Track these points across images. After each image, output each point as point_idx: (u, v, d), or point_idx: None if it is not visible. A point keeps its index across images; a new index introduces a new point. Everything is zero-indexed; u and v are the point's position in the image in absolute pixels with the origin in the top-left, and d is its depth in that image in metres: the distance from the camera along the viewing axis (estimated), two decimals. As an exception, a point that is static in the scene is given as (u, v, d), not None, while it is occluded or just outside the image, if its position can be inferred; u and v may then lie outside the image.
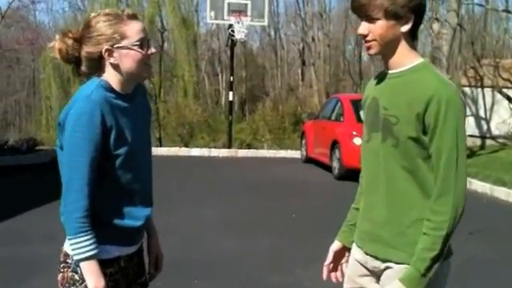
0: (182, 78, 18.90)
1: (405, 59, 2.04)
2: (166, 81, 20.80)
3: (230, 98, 16.21)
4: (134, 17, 2.15)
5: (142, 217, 2.23)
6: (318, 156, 13.01)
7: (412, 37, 2.05)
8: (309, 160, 13.70)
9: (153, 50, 2.17)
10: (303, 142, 14.33)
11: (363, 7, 2.01)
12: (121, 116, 2.10)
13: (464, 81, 19.50)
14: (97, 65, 2.13)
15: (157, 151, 15.03)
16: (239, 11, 15.27)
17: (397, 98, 2.02)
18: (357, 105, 12.29)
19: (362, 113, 2.32)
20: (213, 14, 15.71)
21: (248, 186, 10.36)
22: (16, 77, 32.64)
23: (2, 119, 30.88)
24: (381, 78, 2.15)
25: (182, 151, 15.38)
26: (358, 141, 11.11)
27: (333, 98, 14.39)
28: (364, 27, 2.04)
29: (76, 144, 2.00)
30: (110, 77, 2.12)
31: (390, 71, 2.09)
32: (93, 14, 2.17)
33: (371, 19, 2.01)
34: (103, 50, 2.09)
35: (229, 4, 15.45)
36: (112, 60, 2.11)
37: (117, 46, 2.09)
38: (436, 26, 14.91)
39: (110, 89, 2.11)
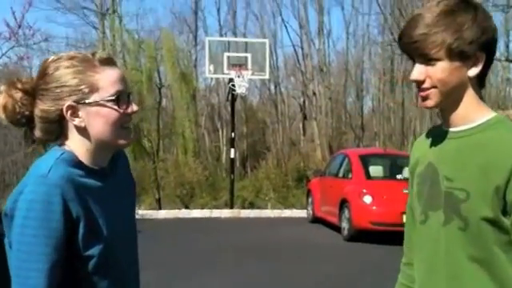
0: (182, 135, 18.51)
1: (473, 113, 1.60)
2: (165, 138, 20.37)
3: (232, 156, 15.77)
4: (109, 62, 1.60)
5: None
6: (326, 215, 12.48)
7: (480, 83, 1.63)
8: (316, 220, 13.15)
9: (134, 107, 1.61)
10: (309, 200, 13.78)
11: (417, 44, 1.57)
12: (92, 201, 1.56)
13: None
14: (56, 128, 1.59)
15: (156, 214, 14.70)
16: (239, 65, 15.04)
17: (465, 166, 1.57)
18: (365, 160, 11.95)
19: (414, 183, 1.78)
20: (212, 68, 15.50)
21: (254, 251, 9.81)
22: (12, 137, 32.25)
23: (0, 180, 30.38)
24: (437, 136, 1.69)
25: (183, 213, 14.92)
26: (368, 199, 10.73)
27: (339, 153, 14.00)
28: (419, 71, 1.59)
29: (27, 245, 1.46)
30: (76, 145, 1.59)
31: (451, 129, 1.64)
32: (52, 58, 1.61)
33: (429, 60, 1.56)
34: (64, 108, 1.55)
35: (228, 58, 15.25)
36: (77, 122, 1.57)
37: (84, 101, 1.55)
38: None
39: (76, 163, 1.56)
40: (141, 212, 14.28)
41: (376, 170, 11.87)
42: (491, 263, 1.54)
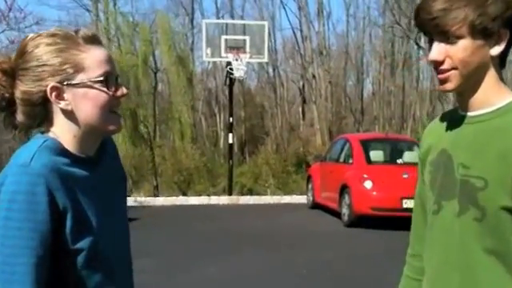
0: (179, 120, 18.23)
1: (493, 95, 1.50)
2: (161, 124, 20.10)
3: (230, 141, 15.51)
4: (94, 40, 1.49)
5: None
6: (326, 201, 12.37)
7: (501, 63, 1.52)
8: (315, 205, 13.04)
9: (124, 90, 1.50)
10: (309, 186, 13.63)
11: (437, 21, 1.45)
12: (80, 191, 1.46)
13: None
14: (40, 112, 1.48)
15: (154, 201, 14.60)
16: (237, 48, 14.76)
17: (483, 152, 1.48)
18: (366, 145, 11.87)
19: (425, 171, 1.67)
20: (209, 51, 15.24)
21: (253, 238, 9.73)
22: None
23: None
24: (452, 121, 1.59)
25: (180, 200, 14.74)
26: (368, 184, 10.66)
27: (340, 138, 13.81)
28: (439, 50, 1.47)
29: (11, 239, 1.36)
30: (62, 131, 1.48)
31: (469, 113, 1.53)
32: (31, 35, 1.49)
33: (450, 38, 1.45)
34: (48, 89, 1.44)
35: (226, 41, 14.97)
36: (63, 104, 1.46)
37: (69, 82, 1.44)
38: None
39: (62, 151, 1.46)
40: (139, 199, 14.30)
41: (377, 155, 11.75)
42: (508, 255, 1.47)
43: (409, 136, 18.32)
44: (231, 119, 15.79)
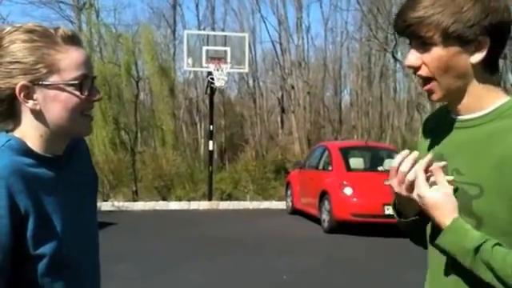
0: (160, 128, 18.38)
1: (482, 100, 1.44)
2: (143, 131, 20.24)
3: (210, 148, 15.67)
4: (73, 40, 1.42)
5: None
6: (306, 207, 12.45)
7: (490, 69, 1.44)
8: (295, 211, 13.11)
9: (98, 94, 1.45)
10: (288, 192, 13.74)
11: (412, 28, 1.41)
12: (44, 193, 1.38)
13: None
14: (7, 109, 1.40)
15: (132, 206, 14.45)
16: (218, 58, 14.94)
17: (478, 159, 1.41)
18: (345, 152, 11.99)
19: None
20: (190, 61, 15.43)
21: (232, 243, 9.67)
22: None
23: None
24: (445, 123, 1.52)
25: (160, 205, 14.70)
26: (348, 191, 10.70)
27: (319, 145, 13.98)
28: (415, 57, 1.44)
29: None
30: (28, 130, 1.41)
31: (459, 117, 1.48)
32: (8, 28, 1.40)
33: (424, 44, 1.42)
34: (17, 88, 1.36)
35: (207, 51, 15.19)
36: (30, 104, 1.38)
37: (40, 82, 1.37)
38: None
39: (26, 151, 1.39)
40: (116, 204, 14.08)
41: (356, 162, 11.87)
42: None
43: (387, 145, 18.57)
44: (211, 127, 15.90)
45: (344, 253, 9.04)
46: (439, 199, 1.39)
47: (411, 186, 1.44)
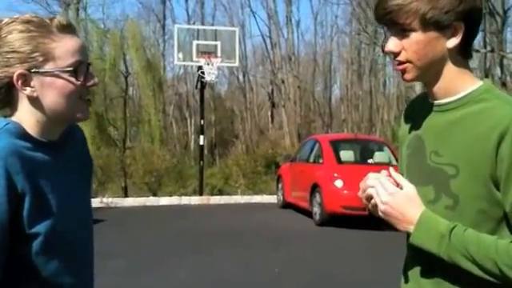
0: (149, 123, 18.27)
1: (456, 85, 1.54)
2: (132, 126, 20.11)
3: (201, 143, 15.60)
4: (68, 29, 1.48)
5: None
6: (297, 200, 12.43)
7: (464, 54, 1.54)
8: (286, 205, 13.08)
9: (94, 80, 1.51)
10: (279, 186, 13.70)
11: (391, 15, 1.49)
12: (40, 175, 1.44)
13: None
14: (5, 97, 1.47)
15: (122, 202, 14.31)
16: (208, 52, 14.84)
17: (452, 140, 1.52)
18: (336, 145, 11.94)
19: (403, 153, 1.70)
20: (181, 55, 15.33)
21: (224, 237, 9.61)
22: None
23: None
24: (424, 107, 1.61)
25: (150, 201, 14.59)
26: (339, 183, 10.67)
27: (310, 138, 13.95)
28: (394, 43, 1.52)
29: None
30: (25, 116, 1.47)
31: (435, 101, 1.57)
32: (5, 20, 1.47)
33: (403, 31, 1.50)
34: (15, 76, 1.43)
35: (197, 45, 15.07)
36: (28, 91, 1.45)
37: (37, 70, 1.44)
38: None
39: (23, 135, 1.45)
40: (105, 200, 13.92)
41: (347, 155, 11.82)
42: None
43: (378, 137, 18.60)
44: (202, 121, 15.83)
45: (335, 245, 9.03)
46: (402, 201, 1.51)
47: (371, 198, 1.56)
